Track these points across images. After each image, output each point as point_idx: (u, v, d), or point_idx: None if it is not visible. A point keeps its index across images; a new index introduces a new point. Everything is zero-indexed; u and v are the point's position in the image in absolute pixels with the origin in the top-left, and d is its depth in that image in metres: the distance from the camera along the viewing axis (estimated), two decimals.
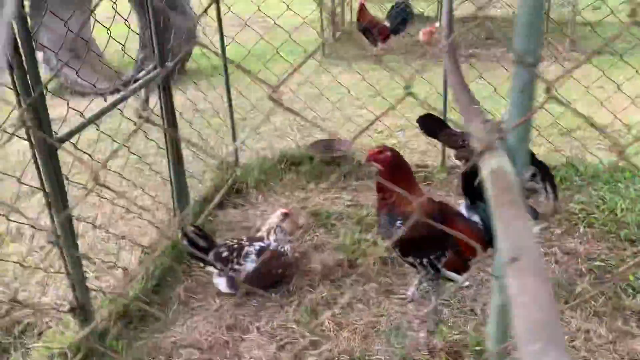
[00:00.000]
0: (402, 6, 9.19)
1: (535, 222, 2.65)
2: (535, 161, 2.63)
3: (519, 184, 1.12)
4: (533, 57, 1.18)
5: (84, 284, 2.80)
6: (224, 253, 3.42)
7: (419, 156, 5.14)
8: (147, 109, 3.43)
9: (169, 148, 3.80)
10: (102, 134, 3.16)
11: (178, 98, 4.00)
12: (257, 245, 3.48)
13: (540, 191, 2.64)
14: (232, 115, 4.95)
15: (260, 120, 5.70)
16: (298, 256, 3.68)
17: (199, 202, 4.30)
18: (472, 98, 1.54)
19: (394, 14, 9.06)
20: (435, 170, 4.77)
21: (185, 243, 3.39)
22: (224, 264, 3.40)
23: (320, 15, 9.31)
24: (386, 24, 9.06)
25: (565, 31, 8.32)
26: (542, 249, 3.52)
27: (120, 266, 3.43)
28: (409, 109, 5.07)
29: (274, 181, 4.83)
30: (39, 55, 7.81)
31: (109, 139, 3.35)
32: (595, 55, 6.16)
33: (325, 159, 4.95)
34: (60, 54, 5.75)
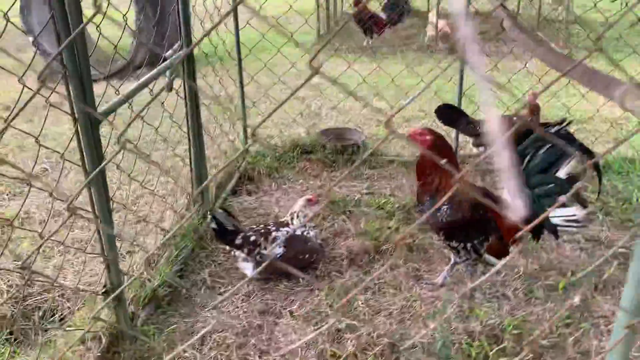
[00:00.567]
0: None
1: (584, 209, 2.68)
2: (581, 146, 2.66)
3: None
4: None
5: (118, 266, 2.71)
6: (252, 237, 3.36)
7: None
8: (172, 90, 3.34)
9: (191, 132, 3.72)
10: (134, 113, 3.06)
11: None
12: (284, 230, 3.43)
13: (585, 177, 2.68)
14: (244, 101, 4.88)
15: (273, 107, 5.63)
16: (322, 243, 3.64)
17: (214, 189, 4.23)
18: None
19: (390, 5, 9.08)
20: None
21: (213, 226, 3.31)
22: (251, 249, 3.34)
23: (317, 4, 9.27)
24: (382, 15, 9.08)
25: (558, 29, 8.47)
26: (566, 236, 3.56)
27: (144, 250, 3.34)
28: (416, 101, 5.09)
29: (286, 169, 4.79)
30: (29, 39, 7.57)
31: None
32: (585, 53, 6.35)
33: (337, 147, 4.91)
34: (49, 37, 5.57)
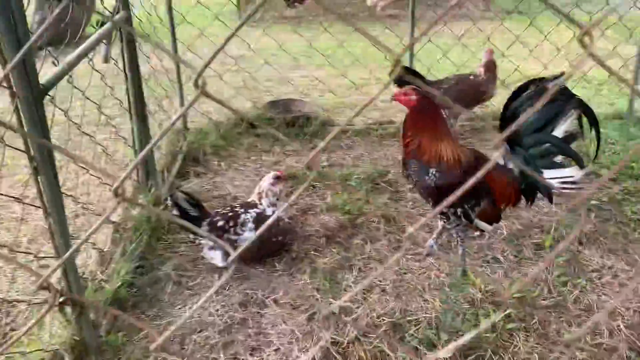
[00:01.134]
0: None
1: (582, 169, 2.58)
2: (580, 104, 2.54)
3: None
4: None
5: (76, 269, 2.27)
6: (219, 222, 3.00)
7: (380, 112, 4.96)
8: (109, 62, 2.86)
9: (133, 108, 3.24)
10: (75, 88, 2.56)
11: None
12: (253, 211, 3.09)
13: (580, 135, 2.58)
14: (180, 75, 4.41)
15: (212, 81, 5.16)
16: (291, 222, 3.34)
17: (160, 173, 3.77)
18: None
19: None
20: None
21: (175, 212, 2.91)
22: (220, 235, 2.98)
23: None
24: None
25: None
26: None
27: (96, 247, 2.87)
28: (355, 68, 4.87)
29: (233, 146, 4.40)
30: None
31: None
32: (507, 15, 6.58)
33: (287, 120, 4.59)
34: None
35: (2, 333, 2.57)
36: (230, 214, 3.05)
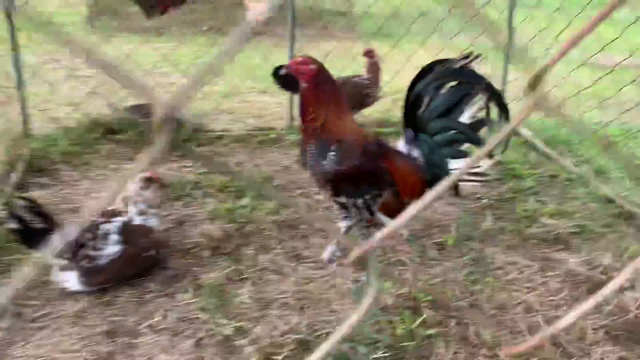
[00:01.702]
0: None
1: (490, 159, 2.40)
2: (489, 87, 2.38)
3: None
4: None
5: None
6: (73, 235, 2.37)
7: (256, 119, 4.59)
8: None
9: None
10: None
11: None
12: (118, 221, 2.52)
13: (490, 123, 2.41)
14: (20, 74, 3.67)
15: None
16: (167, 233, 2.81)
17: None
18: None
19: None
20: (284, 131, 4.29)
21: (14, 226, 2.24)
22: (75, 251, 2.37)
23: None
24: None
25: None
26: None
27: None
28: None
29: (88, 154, 3.73)
30: None
31: None
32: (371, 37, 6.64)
33: (153, 124, 4.01)
34: None
35: None
36: (87, 224, 2.44)
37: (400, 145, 2.52)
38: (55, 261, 2.35)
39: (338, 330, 0.72)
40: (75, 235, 2.36)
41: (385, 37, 6.19)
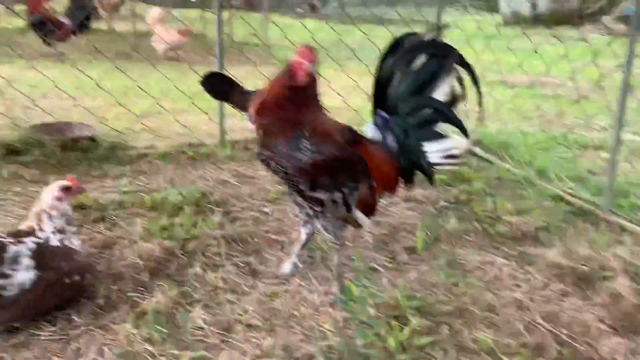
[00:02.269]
0: (82, 1, 7.87)
1: (467, 138, 2.17)
2: (461, 59, 2.17)
3: None
4: None
5: None
6: None
7: (182, 136, 4.15)
8: None
9: None
10: None
11: None
12: (30, 241, 2.01)
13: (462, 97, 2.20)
14: None
15: None
16: (91, 257, 2.32)
17: None
18: None
19: (76, 12, 7.63)
20: (216, 147, 3.89)
21: None
22: None
23: None
24: (64, 20, 7.55)
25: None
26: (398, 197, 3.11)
27: None
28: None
29: None
30: None
31: None
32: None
33: (66, 143, 3.48)
34: None
35: None
36: None
37: (370, 129, 2.24)
38: None
39: None
40: None
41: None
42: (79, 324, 1.94)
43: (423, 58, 2.13)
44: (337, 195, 2.04)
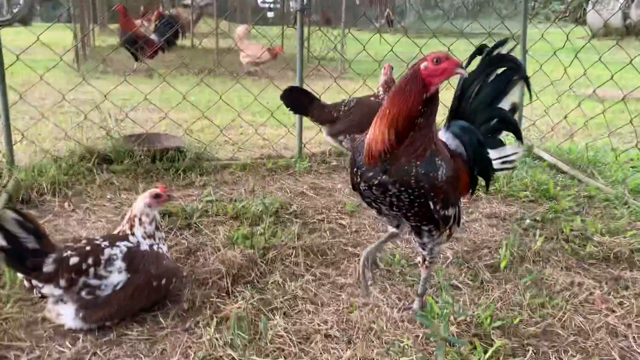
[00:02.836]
0: (169, 19, 8.29)
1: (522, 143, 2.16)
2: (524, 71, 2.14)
3: None
4: None
5: None
6: (72, 259, 1.97)
7: (261, 149, 4.27)
8: None
9: None
10: None
11: None
12: (123, 245, 2.12)
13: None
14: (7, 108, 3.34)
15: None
16: (177, 262, 2.42)
17: None
18: None
19: (163, 28, 8.06)
20: (293, 159, 3.96)
21: (1, 242, 1.83)
22: (73, 279, 1.95)
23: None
24: (153, 37, 7.99)
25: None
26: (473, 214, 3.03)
27: None
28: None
29: (81, 183, 3.34)
30: None
31: None
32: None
33: (154, 153, 3.67)
34: None
35: None
36: (88, 248, 2.04)
37: (447, 138, 2.19)
38: (47, 290, 1.93)
39: None
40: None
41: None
42: (165, 326, 2.02)
43: (499, 71, 2.12)
44: (452, 211, 2.00)
